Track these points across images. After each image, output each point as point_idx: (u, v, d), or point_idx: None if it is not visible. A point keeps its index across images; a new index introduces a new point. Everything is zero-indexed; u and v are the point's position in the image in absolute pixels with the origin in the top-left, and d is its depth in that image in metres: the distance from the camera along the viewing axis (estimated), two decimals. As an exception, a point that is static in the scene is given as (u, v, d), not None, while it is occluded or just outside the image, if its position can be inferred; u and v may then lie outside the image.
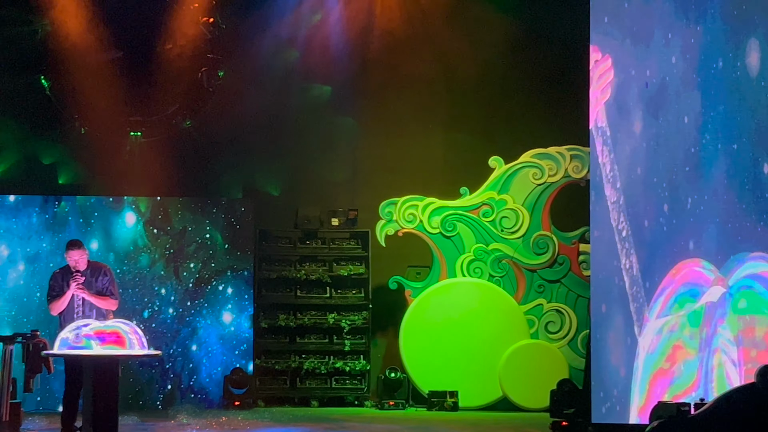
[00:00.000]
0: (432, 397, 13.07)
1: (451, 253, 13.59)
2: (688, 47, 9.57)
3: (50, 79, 13.61)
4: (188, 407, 12.45)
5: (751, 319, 9.69)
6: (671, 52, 9.79)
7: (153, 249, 13.14)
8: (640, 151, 10.19)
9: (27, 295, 12.83)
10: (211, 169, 13.96)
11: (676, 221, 9.97)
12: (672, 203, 10.03)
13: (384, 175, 14.08)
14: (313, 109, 14.23)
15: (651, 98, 10.04)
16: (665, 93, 9.88)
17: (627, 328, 10.42)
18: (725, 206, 9.19)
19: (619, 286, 10.54)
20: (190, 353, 13.07)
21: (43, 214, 13.01)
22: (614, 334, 10.59)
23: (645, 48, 10.22)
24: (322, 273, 13.69)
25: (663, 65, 9.91)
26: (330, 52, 14.15)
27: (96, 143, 13.64)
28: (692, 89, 9.48)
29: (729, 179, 9.08)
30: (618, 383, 10.42)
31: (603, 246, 10.69)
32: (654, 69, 10.06)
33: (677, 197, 10.02)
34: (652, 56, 10.13)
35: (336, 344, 13.61)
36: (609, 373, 10.54)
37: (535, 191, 13.56)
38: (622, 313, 10.50)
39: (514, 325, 13.30)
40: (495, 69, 14.08)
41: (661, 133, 9.92)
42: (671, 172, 9.87)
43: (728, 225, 9.21)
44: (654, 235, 10.24)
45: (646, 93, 10.11)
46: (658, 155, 9.99)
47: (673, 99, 9.75)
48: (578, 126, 12.09)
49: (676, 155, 9.75)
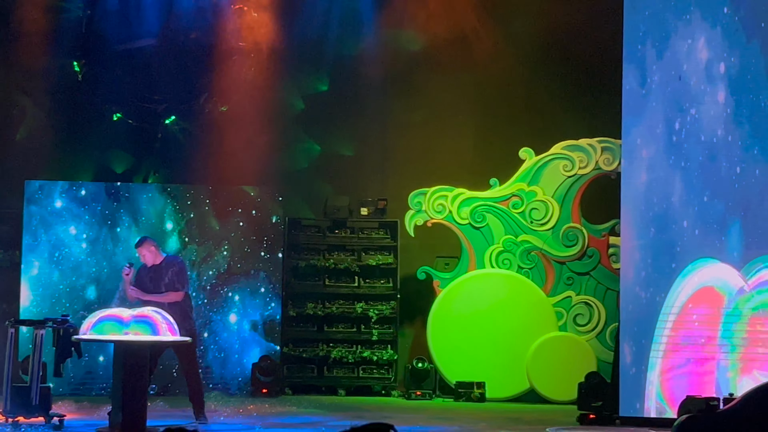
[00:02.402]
0: (459, 388, 13.07)
1: (480, 245, 13.56)
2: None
3: (82, 65, 13.68)
4: (216, 394, 12.51)
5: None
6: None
7: (182, 236, 13.18)
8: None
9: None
10: (239, 158, 13.98)
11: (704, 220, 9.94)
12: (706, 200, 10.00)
13: (414, 165, 14.07)
14: (345, 97, 14.22)
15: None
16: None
17: (654, 322, 10.39)
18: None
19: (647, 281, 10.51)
20: (213, 342, 13.12)
21: (68, 199, 13.04)
22: (641, 327, 10.56)
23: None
24: (350, 262, 13.70)
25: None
26: (361, 42, 14.15)
27: (129, 130, 13.71)
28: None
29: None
30: (645, 377, 10.40)
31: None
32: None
33: (715, 190, 9.97)
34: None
35: (364, 333, 13.63)
36: (636, 367, 10.51)
37: (566, 183, 13.51)
38: (653, 298, 10.47)
39: (543, 317, 13.27)
40: (526, 60, 14.03)
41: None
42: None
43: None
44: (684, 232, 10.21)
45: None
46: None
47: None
48: (609, 118, 12.04)
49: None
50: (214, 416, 10.80)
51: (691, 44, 10.25)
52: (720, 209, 10.01)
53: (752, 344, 9.84)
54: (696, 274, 10.16)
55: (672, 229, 10.33)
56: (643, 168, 10.69)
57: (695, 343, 10.18)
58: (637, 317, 10.59)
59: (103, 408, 10.35)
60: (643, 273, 10.59)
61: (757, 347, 9.81)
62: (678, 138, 10.41)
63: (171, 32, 13.61)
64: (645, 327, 10.47)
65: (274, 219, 13.37)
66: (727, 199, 9.98)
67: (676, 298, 10.25)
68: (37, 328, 10.11)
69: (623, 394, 10.59)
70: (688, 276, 10.20)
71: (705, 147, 10.17)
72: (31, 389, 9.94)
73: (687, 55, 10.29)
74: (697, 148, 10.25)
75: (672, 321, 10.27)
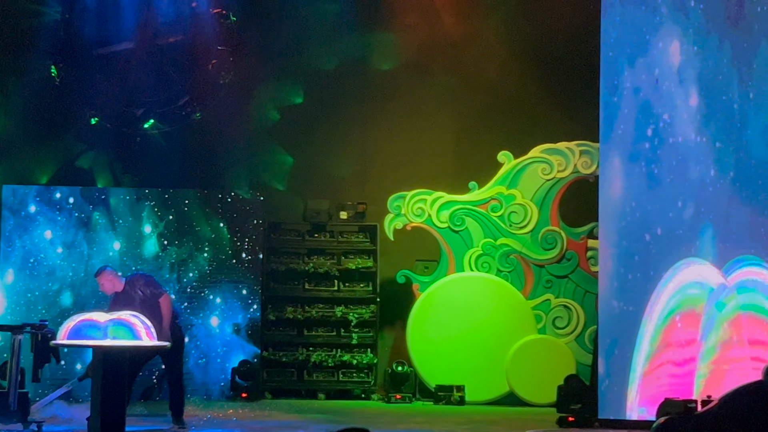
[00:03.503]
0: (439, 391, 13.08)
1: (459, 248, 13.58)
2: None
3: (60, 69, 13.63)
4: (195, 399, 12.47)
5: (758, 318, 9.69)
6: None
7: (161, 239, 13.15)
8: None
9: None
10: (219, 162, 13.97)
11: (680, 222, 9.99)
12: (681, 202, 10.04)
13: (393, 169, 14.08)
14: (323, 102, 14.22)
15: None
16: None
17: (637, 317, 10.42)
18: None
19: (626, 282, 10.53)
20: (194, 346, 13.09)
21: (44, 203, 12.99)
22: (621, 329, 10.59)
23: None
24: (330, 266, 13.70)
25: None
26: (339, 45, 14.16)
27: (106, 134, 13.68)
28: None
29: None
30: (624, 379, 10.43)
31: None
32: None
33: (690, 195, 10.02)
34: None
35: (343, 337, 13.63)
36: (615, 369, 10.54)
37: (544, 186, 13.54)
38: (629, 309, 10.50)
39: (522, 320, 13.30)
40: (504, 64, 14.06)
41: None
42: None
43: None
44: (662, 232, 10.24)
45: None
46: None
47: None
48: (588, 121, 12.07)
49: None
50: (192, 421, 10.77)
51: (662, 48, 10.29)
52: (693, 213, 10.05)
53: (732, 346, 9.89)
54: (674, 278, 10.20)
55: (646, 235, 10.36)
56: (616, 176, 10.68)
57: (675, 345, 10.22)
58: (616, 324, 10.60)
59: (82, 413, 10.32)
60: (615, 283, 10.60)
61: (736, 349, 9.86)
62: (650, 144, 10.42)
63: (149, 36, 13.58)
64: (624, 333, 10.49)
65: (254, 222, 13.35)
66: (700, 204, 10.02)
67: (655, 302, 10.28)
68: (15, 333, 10.06)
69: (602, 396, 10.61)
70: (666, 280, 10.24)
71: (678, 152, 10.21)
72: (9, 395, 9.89)
73: (659, 59, 10.33)
74: (670, 152, 10.27)
75: (652, 325, 10.30)
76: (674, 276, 10.18)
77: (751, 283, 9.75)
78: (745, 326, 9.77)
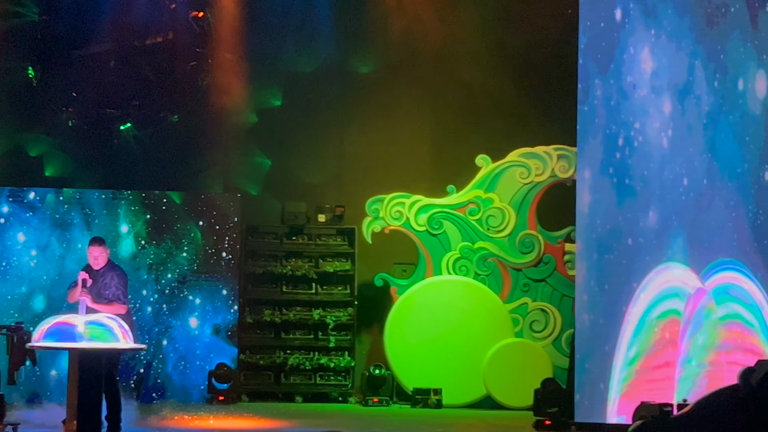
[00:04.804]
0: (416, 395, 13.08)
1: (437, 251, 13.60)
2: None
3: (37, 70, 13.58)
4: (172, 402, 12.43)
5: (734, 322, 9.73)
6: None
7: (137, 242, 13.10)
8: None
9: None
10: (197, 164, 13.94)
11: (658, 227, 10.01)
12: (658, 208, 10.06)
13: (371, 172, 14.08)
14: (301, 104, 14.21)
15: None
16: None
17: (610, 328, 10.45)
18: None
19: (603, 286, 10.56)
20: (173, 349, 13.04)
21: (21, 205, 12.92)
22: (597, 333, 10.62)
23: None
24: (308, 269, 13.69)
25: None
26: (318, 48, 14.15)
27: (83, 135, 13.63)
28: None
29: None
30: (601, 383, 10.45)
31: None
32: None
33: (662, 202, 10.05)
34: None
35: (321, 340, 13.62)
36: (591, 373, 10.57)
37: (522, 190, 13.58)
38: (605, 313, 10.52)
39: (499, 324, 13.32)
40: (483, 68, 14.07)
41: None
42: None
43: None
44: (638, 238, 10.27)
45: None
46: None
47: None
48: (565, 126, 12.10)
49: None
50: (170, 423, 10.73)
51: (633, 55, 10.30)
52: (664, 221, 10.07)
53: (709, 350, 9.93)
54: (651, 285, 10.22)
55: (620, 245, 10.37)
56: (586, 189, 10.67)
57: (654, 350, 10.25)
58: (587, 338, 10.61)
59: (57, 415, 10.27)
60: (585, 296, 10.61)
61: (713, 353, 9.90)
62: (621, 154, 10.41)
63: (127, 38, 13.55)
64: (602, 339, 10.51)
65: (232, 223, 13.31)
66: (671, 211, 10.04)
67: (632, 310, 10.29)
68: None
69: (579, 400, 10.64)
70: (643, 288, 10.26)
71: (650, 160, 10.21)
72: (-15, 397, 9.84)
73: (630, 66, 10.34)
74: (641, 162, 10.27)
75: (630, 331, 10.33)
76: (650, 283, 10.20)
77: (728, 288, 9.79)
78: (722, 330, 9.81)
